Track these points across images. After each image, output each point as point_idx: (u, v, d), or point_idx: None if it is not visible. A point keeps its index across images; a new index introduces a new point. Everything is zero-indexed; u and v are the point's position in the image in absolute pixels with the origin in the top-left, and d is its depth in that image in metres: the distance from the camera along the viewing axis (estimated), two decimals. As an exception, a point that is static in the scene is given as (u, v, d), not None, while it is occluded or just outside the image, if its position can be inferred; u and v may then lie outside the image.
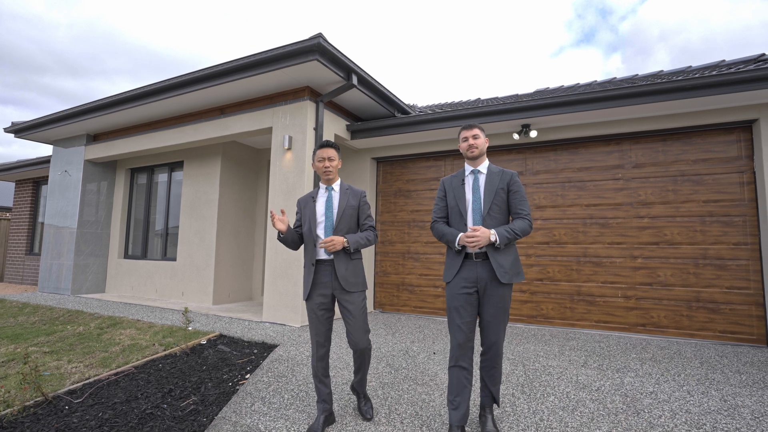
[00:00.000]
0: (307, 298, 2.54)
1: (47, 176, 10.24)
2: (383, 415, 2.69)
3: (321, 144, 2.66)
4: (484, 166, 2.49)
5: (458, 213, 2.45)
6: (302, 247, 2.74)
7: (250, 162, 7.57)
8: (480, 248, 2.29)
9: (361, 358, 2.58)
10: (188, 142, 6.69)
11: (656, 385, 3.18)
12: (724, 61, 5.65)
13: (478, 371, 2.65)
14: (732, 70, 4.50)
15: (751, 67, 4.42)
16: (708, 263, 4.72)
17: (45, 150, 54.98)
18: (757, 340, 4.46)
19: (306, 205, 2.67)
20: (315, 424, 2.44)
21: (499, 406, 2.54)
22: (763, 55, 5.17)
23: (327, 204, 2.61)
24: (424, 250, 6.39)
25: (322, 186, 2.69)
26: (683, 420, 2.60)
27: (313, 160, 2.69)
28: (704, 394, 3.02)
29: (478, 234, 2.22)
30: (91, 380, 3.37)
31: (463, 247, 2.34)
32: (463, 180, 2.51)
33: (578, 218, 5.40)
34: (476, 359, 2.98)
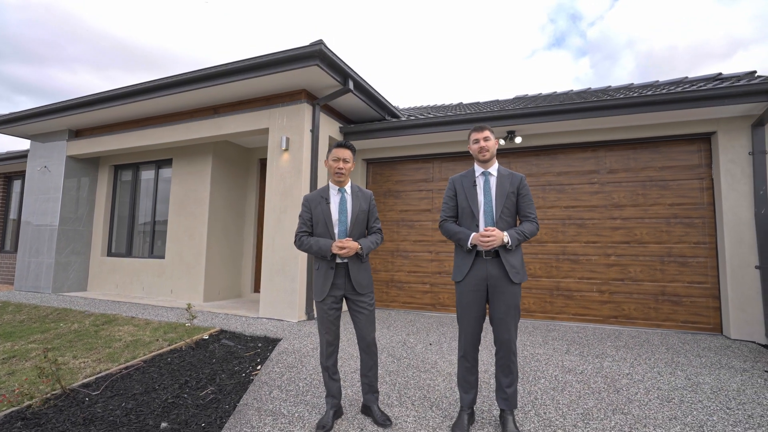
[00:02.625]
0: (322, 301, 2.57)
1: (19, 171, 9.89)
2: (395, 398, 2.94)
3: (338, 143, 2.65)
4: (494, 168, 2.56)
5: (470, 214, 2.52)
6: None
7: (240, 161, 7.64)
8: (491, 248, 2.42)
9: (369, 351, 2.63)
10: (179, 141, 6.71)
11: (631, 368, 3.59)
12: (687, 77, 6.23)
13: (488, 369, 2.89)
14: (694, 87, 5.01)
15: (710, 85, 4.95)
16: (672, 260, 5.24)
17: (7, 143, 51.55)
18: (713, 329, 5.00)
19: (318, 205, 2.63)
20: (325, 418, 2.51)
21: (516, 407, 2.52)
22: (720, 74, 5.75)
23: (341, 207, 2.61)
24: (412, 249, 6.68)
25: (334, 187, 2.66)
26: (655, 396, 2.99)
27: (327, 157, 2.68)
28: (671, 374, 3.45)
29: (494, 234, 2.34)
30: (103, 374, 3.46)
31: (474, 246, 2.47)
32: (474, 181, 2.56)
33: (557, 219, 5.83)
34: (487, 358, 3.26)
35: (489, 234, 2.36)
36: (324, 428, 2.46)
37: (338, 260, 2.57)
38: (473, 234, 2.45)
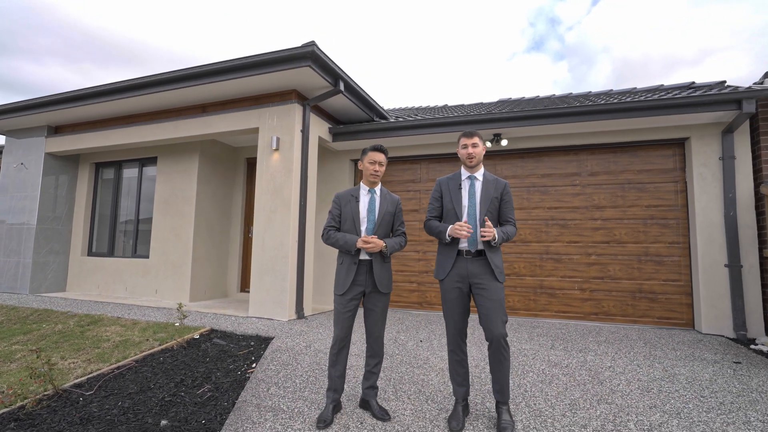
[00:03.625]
0: (342, 294, 2.66)
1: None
2: (391, 392, 3.03)
3: (375, 147, 2.77)
4: (480, 173, 2.68)
5: (454, 215, 2.64)
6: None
7: (226, 160, 7.58)
8: (474, 248, 2.56)
9: (377, 345, 2.75)
10: (166, 139, 6.62)
11: (612, 361, 3.79)
12: (662, 85, 6.53)
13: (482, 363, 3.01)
14: (669, 95, 5.29)
15: (684, 93, 5.23)
16: (649, 259, 5.50)
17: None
18: (686, 324, 5.29)
19: (348, 203, 2.76)
20: (325, 413, 2.58)
21: (509, 398, 2.61)
22: (693, 83, 6.07)
23: (370, 206, 2.74)
24: (400, 248, 6.76)
25: (364, 187, 2.79)
26: (636, 386, 3.17)
27: (362, 159, 2.80)
28: (650, 366, 3.66)
29: (492, 230, 2.46)
30: (94, 374, 3.43)
31: (453, 240, 2.57)
32: (460, 184, 2.68)
33: (541, 219, 6.04)
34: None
35: (488, 230, 2.47)
36: (324, 422, 2.52)
37: (362, 256, 2.67)
38: (450, 227, 2.57)
